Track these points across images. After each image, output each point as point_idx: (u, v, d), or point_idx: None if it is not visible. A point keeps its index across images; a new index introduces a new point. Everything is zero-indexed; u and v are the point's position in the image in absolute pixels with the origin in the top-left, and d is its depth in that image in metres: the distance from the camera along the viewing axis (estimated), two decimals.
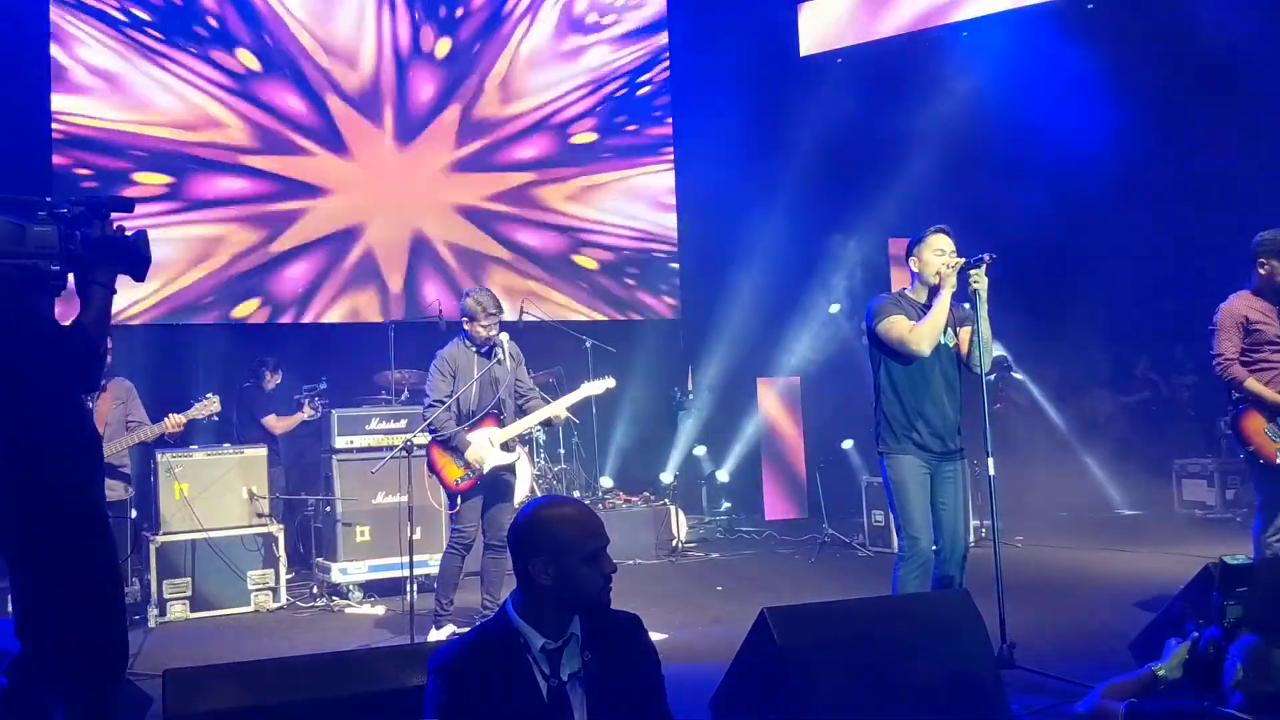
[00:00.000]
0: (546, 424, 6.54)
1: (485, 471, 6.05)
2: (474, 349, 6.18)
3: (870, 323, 4.95)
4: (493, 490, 6.16)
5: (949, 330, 4.91)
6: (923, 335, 4.78)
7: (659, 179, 11.54)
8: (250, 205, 9.65)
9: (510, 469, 6.24)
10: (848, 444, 10.52)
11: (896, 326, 4.83)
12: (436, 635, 5.97)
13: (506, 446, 6.15)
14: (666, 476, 10.34)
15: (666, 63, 11.63)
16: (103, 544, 3.16)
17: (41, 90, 8.84)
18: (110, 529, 3.23)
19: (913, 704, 3.63)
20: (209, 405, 6.87)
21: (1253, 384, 5.24)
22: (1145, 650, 4.42)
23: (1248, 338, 5.31)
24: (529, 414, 6.23)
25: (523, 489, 8.35)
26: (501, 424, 6.17)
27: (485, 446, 6.07)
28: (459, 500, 6.10)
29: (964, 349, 4.96)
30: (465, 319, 6.20)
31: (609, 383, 6.53)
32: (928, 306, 4.89)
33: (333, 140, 10.01)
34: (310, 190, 9.90)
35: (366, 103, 10.19)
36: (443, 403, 6.06)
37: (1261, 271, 5.34)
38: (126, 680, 3.78)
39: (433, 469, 6.15)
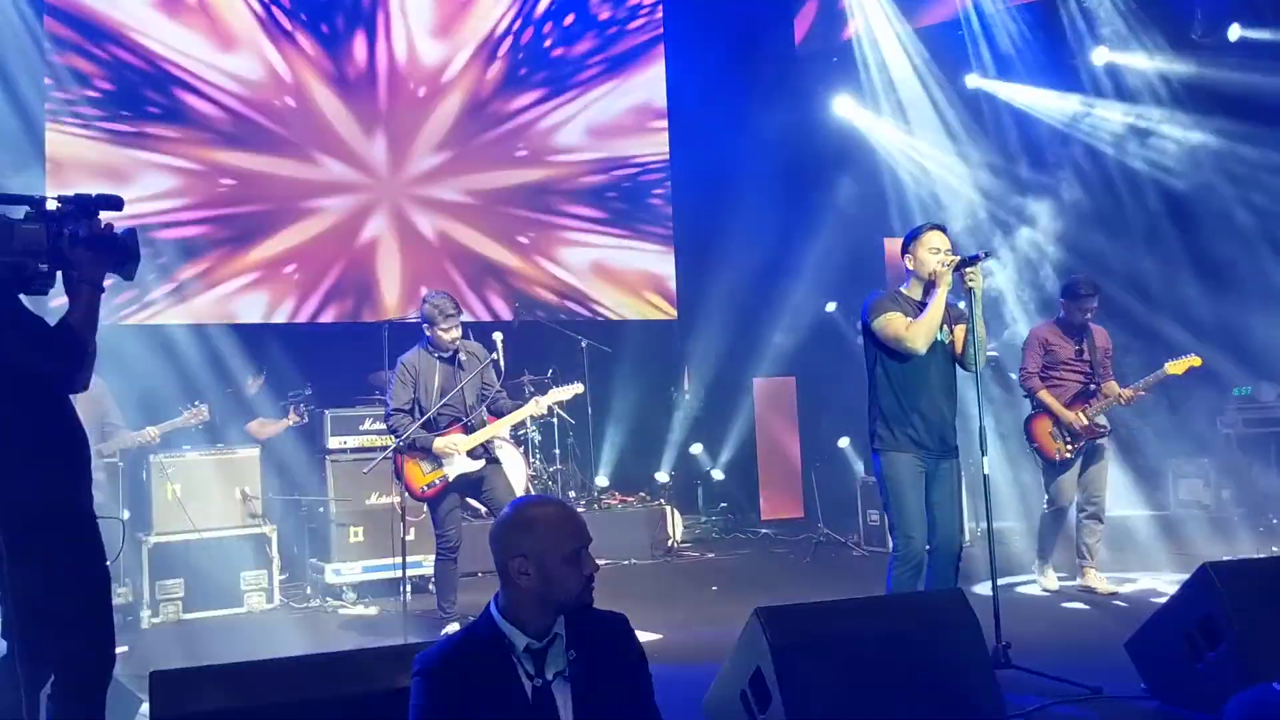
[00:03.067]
0: (518, 426, 6.49)
1: (451, 479, 6.06)
2: (435, 354, 6.14)
3: (866, 319, 4.94)
4: (471, 487, 6.17)
5: (944, 328, 4.90)
6: (919, 332, 4.77)
7: (655, 177, 11.50)
8: (242, 203, 9.61)
9: (488, 468, 6.18)
10: (844, 442, 10.50)
11: (893, 323, 4.82)
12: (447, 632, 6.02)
13: (473, 454, 6.13)
14: (662, 476, 10.33)
15: (662, 60, 11.60)
16: (90, 545, 3.14)
17: (33, 84, 8.81)
18: (98, 530, 3.20)
19: (907, 704, 3.61)
20: (198, 414, 6.86)
21: (1045, 395, 6.55)
22: (1141, 650, 4.42)
23: (1046, 356, 6.63)
24: (498, 415, 6.21)
25: (517, 489, 8.39)
26: (467, 430, 6.14)
27: (450, 454, 6.08)
28: (437, 505, 6.10)
29: (959, 347, 4.95)
30: (425, 324, 6.12)
31: (577, 388, 6.57)
32: (924, 304, 4.87)
33: (325, 136, 9.97)
34: (303, 187, 9.86)
35: (359, 98, 10.16)
36: (404, 410, 6.06)
37: (1062, 313, 6.71)
38: (117, 682, 3.76)
39: (399, 476, 6.13)
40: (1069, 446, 6.50)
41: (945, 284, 4.80)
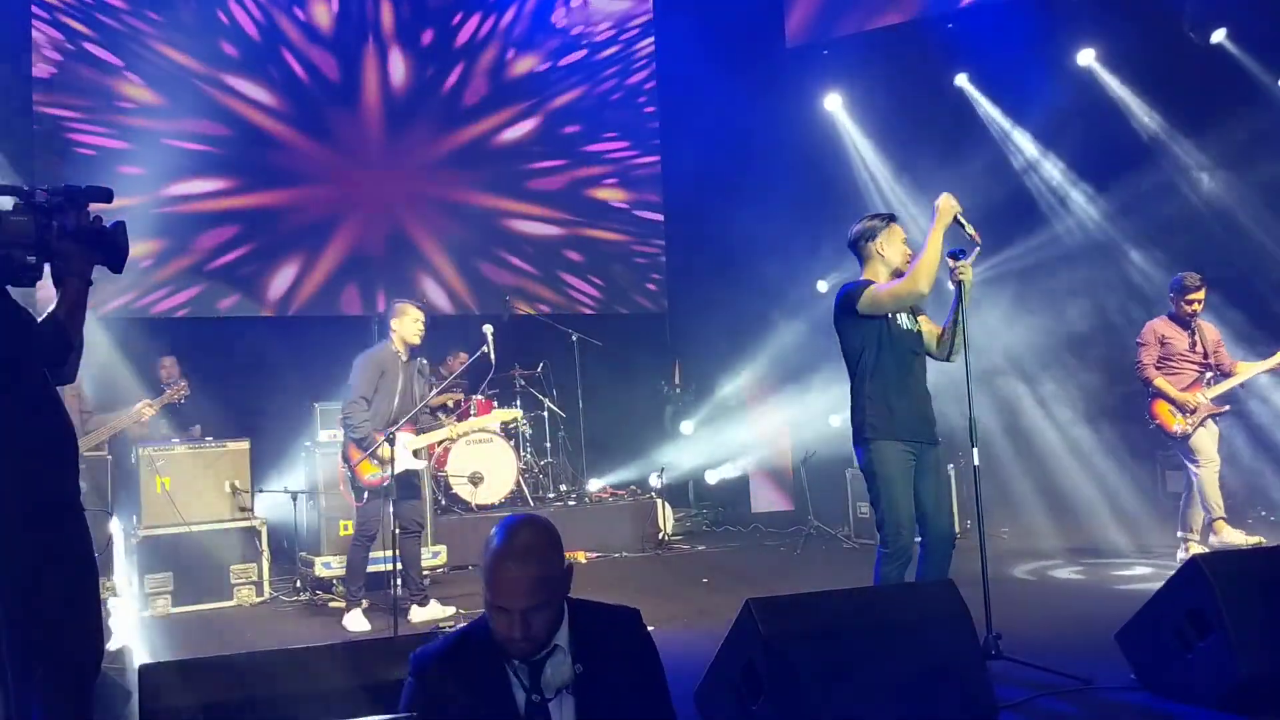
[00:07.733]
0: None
1: (397, 472, 6.34)
2: (399, 356, 6.48)
3: (852, 306, 4.76)
4: (404, 487, 6.49)
5: (913, 317, 4.85)
6: (920, 272, 4.57)
7: (645, 171, 11.50)
8: (232, 197, 9.57)
9: (418, 473, 6.69)
10: (835, 420, 10.48)
11: (882, 286, 4.71)
12: (352, 621, 6.39)
13: (416, 454, 6.53)
14: (654, 472, 10.31)
15: (653, 54, 11.58)
16: (78, 539, 3.11)
17: (22, 75, 8.77)
18: (86, 524, 3.18)
19: (898, 694, 3.62)
20: (180, 390, 7.01)
21: (1160, 381, 7.18)
22: (1132, 641, 4.43)
23: (1163, 349, 7.25)
24: (428, 429, 6.80)
25: (508, 483, 8.42)
26: (418, 431, 6.56)
27: (400, 450, 6.35)
28: (366, 495, 6.41)
29: (927, 338, 4.89)
30: (402, 329, 6.50)
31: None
32: None
33: (314, 131, 9.94)
34: (293, 182, 9.83)
35: (349, 91, 10.12)
36: (366, 400, 6.39)
37: (1172, 306, 7.31)
38: (105, 675, 3.74)
39: (347, 461, 6.42)
40: (1187, 419, 7.07)
41: (943, 218, 4.65)
